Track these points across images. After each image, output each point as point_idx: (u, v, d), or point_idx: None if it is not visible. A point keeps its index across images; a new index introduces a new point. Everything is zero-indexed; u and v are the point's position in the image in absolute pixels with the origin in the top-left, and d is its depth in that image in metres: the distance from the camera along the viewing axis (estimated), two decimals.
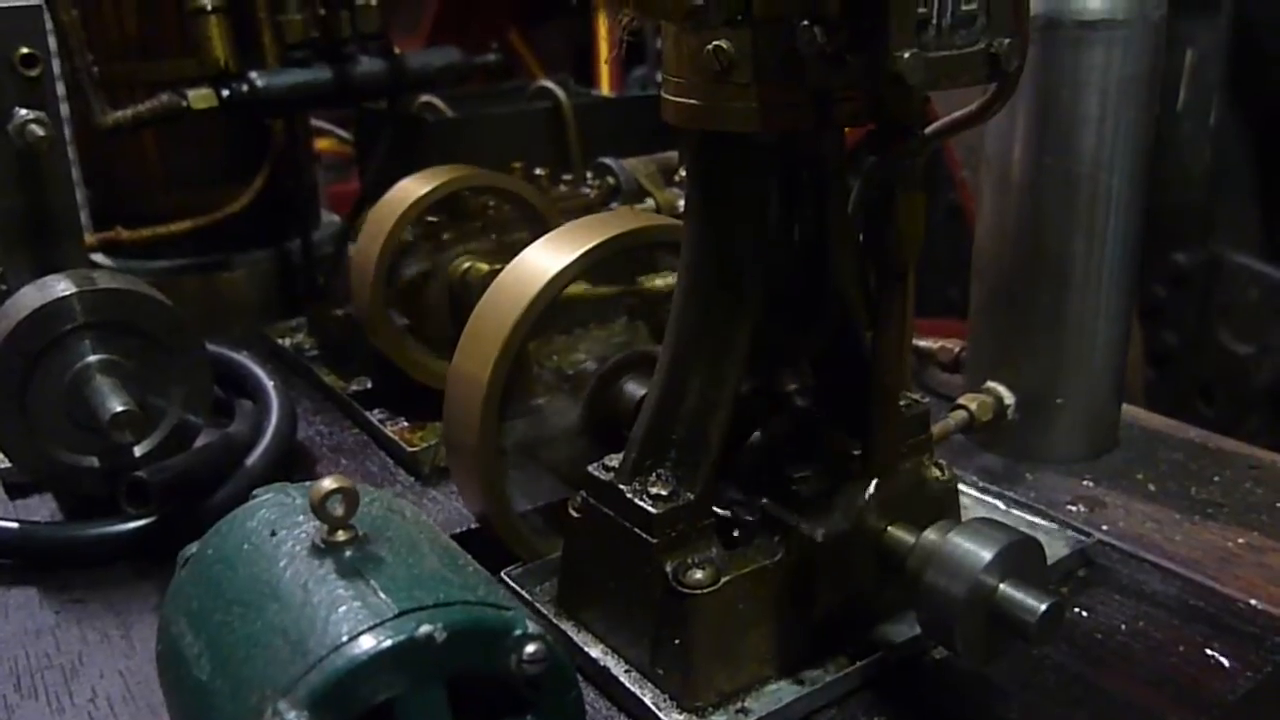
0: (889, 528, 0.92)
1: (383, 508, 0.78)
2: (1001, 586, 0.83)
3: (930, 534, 0.88)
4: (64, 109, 1.84)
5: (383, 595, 0.67)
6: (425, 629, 0.64)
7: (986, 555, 0.83)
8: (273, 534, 0.75)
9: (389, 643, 0.64)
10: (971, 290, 1.37)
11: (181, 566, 0.79)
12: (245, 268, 2.01)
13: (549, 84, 2.01)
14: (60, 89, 1.78)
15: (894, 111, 0.82)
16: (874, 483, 0.92)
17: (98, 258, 1.97)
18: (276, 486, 0.83)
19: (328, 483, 0.70)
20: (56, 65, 1.65)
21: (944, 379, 1.51)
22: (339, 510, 0.71)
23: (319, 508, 0.70)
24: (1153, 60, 1.23)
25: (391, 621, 0.65)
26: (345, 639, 0.64)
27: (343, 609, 0.66)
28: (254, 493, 0.83)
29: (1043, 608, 0.81)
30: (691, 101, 0.86)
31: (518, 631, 0.68)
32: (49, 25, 1.56)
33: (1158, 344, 2.43)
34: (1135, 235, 1.28)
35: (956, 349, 1.46)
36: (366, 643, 0.64)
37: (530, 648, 0.68)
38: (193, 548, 0.80)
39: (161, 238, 1.93)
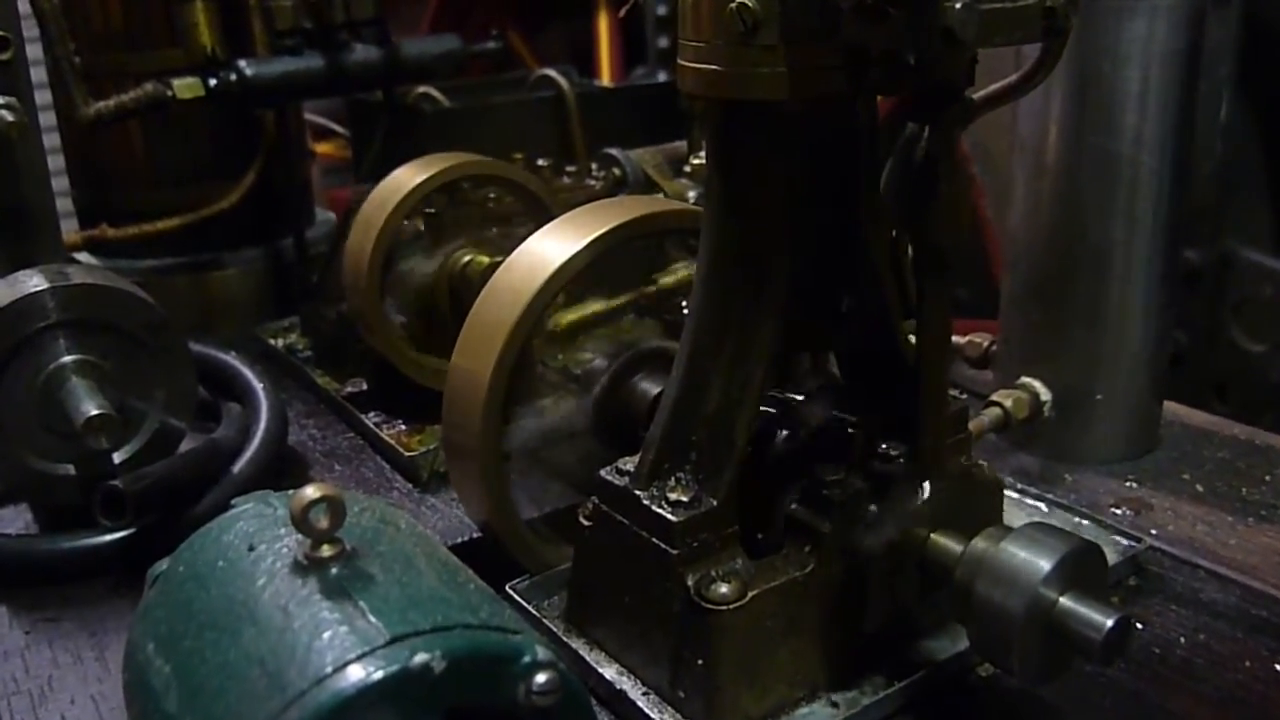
0: (932, 535, 0.84)
1: (374, 518, 0.70)
2: (1062, 600, 0.75)
3: (980, 542, 0.80)
4: (47, 100, 1.79)
5: (373, 619, 0.59)
6: (421, 657, 0.56)
7: (1045, 565, 0.75)
8: (251, 549, 0.67)
9: (380, 674, 0.55)
10: (1003, 281, 1.29)
11: (150, 585, 0.72)
12: (237, 266, 1.94)
13: (551, 73, 1.93)
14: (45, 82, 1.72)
15: (941, 73, 0.74)
16: (927, 486, 0.83)
17: (84, 257, 1.89)
18: (257, 495, 0.75)
19: (310, 491, 0.62)
20: (36, 54, 1.58)
21: (972, 375, 1.43)
22: (323, 522, 0.63)
23: (300, 519, 0.62)
24: (1197, 33, 1.16)
25: (382, 649, 0.56)
26: (329, 670, 0.56)
27: (327, 635, 0.58)
28: (233, 502, 0.75)
29: (1110, 623, 0.73)
30: (712, 68, 0.78)
31: (526, 658, 0.60)
32: (26, 10, 1.49)
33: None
34: (1178, 221, 1.20)
35: (986, 343, 1.37)
36: (354, 674, 0.55)
37: (541, 677, 0.59)
38: (163, 564, 0.72)
39: (149, 235, 1.86)
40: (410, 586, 0.62)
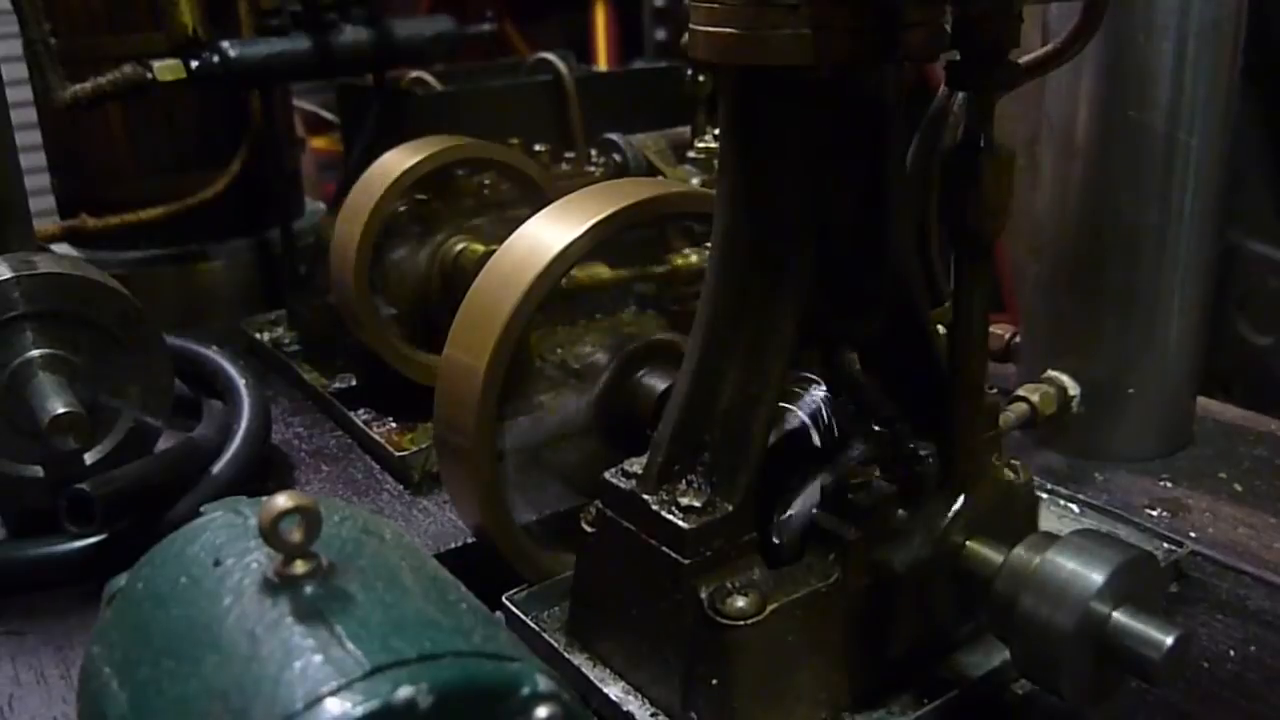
0: (968, 543, 0.77)
1: (355, 528, 0.63)
2: (1116, 615, 0.68)
3: (1023, 551, 0.73)
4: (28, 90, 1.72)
5: (350, 646, 0.51)
6: (405, 691, 0.49)
7: (1097, 578, 0.68)
8: (216, 564, 0.60)
9: (359, 710, 0.48)
10: (1028, 268, 1.22)
11: (107, 604, 0.64)
12: (223, 258, 1.88)
13: (549, 56, 1.86)
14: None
15: (987, 36, 0.67)
16: (962, 496, 0.76)
17: (63, 248, 1.82)
18: (228, 502, 0.68)
19: (282, 500, 0.55)
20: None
21: (992, 368, 1.36)
22: (296, 534, 0.55)
23: (270, 532, 0.55)
24: (1237, 2, 1.09)
25: (361, 682, 0.49)
26: (300, 706, 0.49)
27: (298, 665, 0.51)
28: (201, 509, 0.68)
29: (1169, 641, 0.66)
30: (727, 31, 0.71)
31: (525, 690, 0.53)
32: None
33: None
34: (1216, 204, 1.13)
35: (1007, 335, 1.30)
36: (328, 711, 0.48)
37: (542, 711, 0.52)
38: (121, 580, 0.65)
39: (131, 226, 1.79)
40: (394, 608, 0.55)
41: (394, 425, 1.32)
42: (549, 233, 0.93)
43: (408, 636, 0.53)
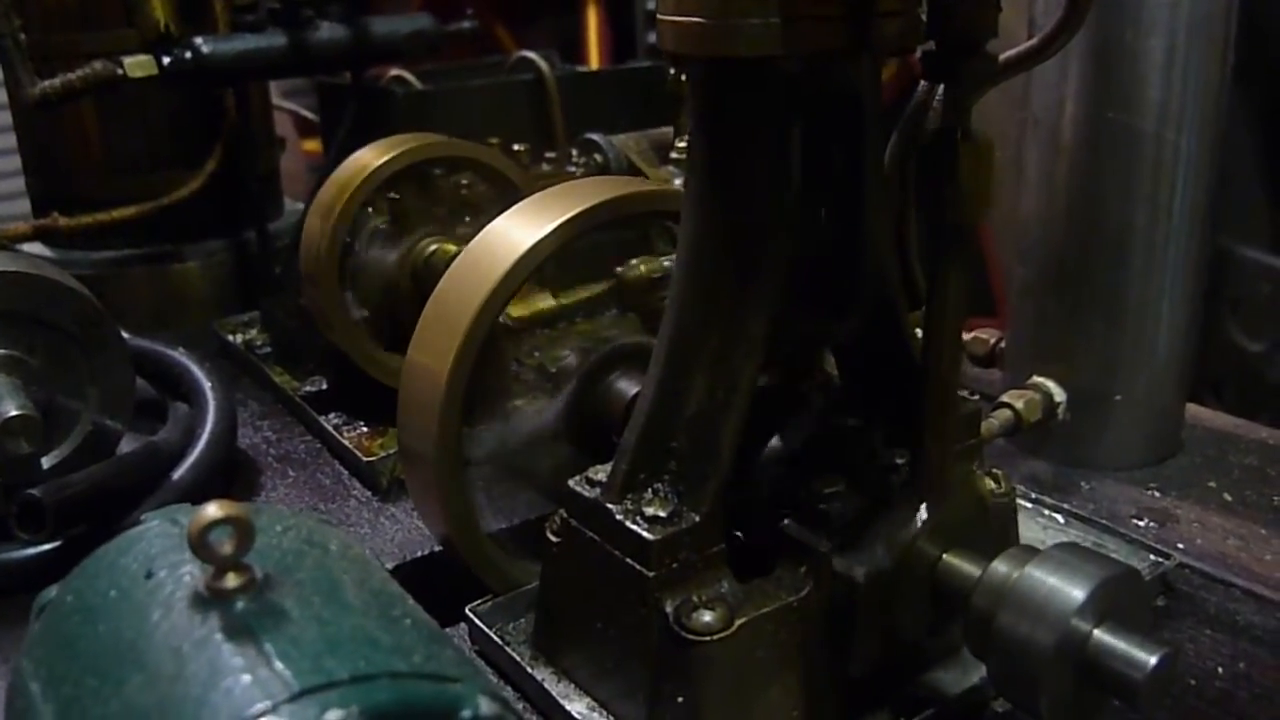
0: (943, 556, 0.74)
1: (297, 539, 0.60)
2: (1097, 634, 0.65)
3: (1001, 565, 0.70)
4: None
5: (279, 666, 0.48)
6: (334, 715, 0.46)
7: (1079, 594, 0.65)
8: (148, 575, 0.57)
9: None
10: (1014, 271, 1.19)
11: (36, 616, 0.61)
12: (198, 258, 1.84)
13: (531, 55, 1.83)
14: None
15: (963, 25, 0.64)
16: (926, 503, 0.73)
17: (34, 248, 1.79)
18: (166, 510, 0.65)
19: (212, 509, 0.52)
20: None
21: (977, 374, 1.33)
22: (227, 546, 0.52)
23: (199, 543, 0.52)
24: None
25: (288, 705, 0.46)
26: None
27: (224, 685, 0.48)
28: (142, 518, 0.65)
29: (1153, 661, 0.63)
30: (696, 20, 0.68)
31: (466, 712, 0.49)
32: None
33: None
34: (1206, 205, 1.10)
35: (992, 340, 1.27)
36: None
37: None
38: (52, 591, 0.62)
39: (104, 225, 1.75)
40: (330, 624, 0.52)
41: (365, 430, 1.28)
42: (515, 232, 0.90)
43: (342, 656, 0.49)
